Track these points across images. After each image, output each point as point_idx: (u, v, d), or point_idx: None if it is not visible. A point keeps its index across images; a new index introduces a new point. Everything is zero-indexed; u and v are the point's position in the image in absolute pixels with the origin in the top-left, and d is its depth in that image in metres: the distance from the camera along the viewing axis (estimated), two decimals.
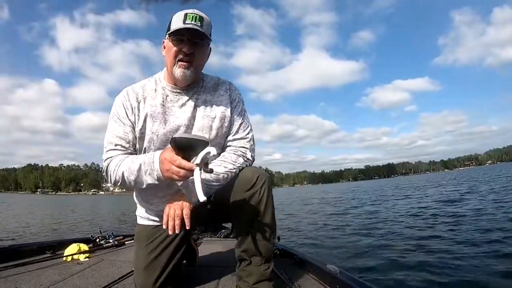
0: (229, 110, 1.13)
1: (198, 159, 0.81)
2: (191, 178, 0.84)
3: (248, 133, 1.16)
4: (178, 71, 1.02)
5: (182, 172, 0.82)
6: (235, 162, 1.07)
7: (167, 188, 1.06)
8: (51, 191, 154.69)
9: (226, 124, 1.12)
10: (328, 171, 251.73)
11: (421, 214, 6.19)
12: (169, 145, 0.85)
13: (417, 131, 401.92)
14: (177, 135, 0.80)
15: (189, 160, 0.82)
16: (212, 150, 0.80)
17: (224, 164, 1.06)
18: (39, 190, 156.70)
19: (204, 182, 0.89)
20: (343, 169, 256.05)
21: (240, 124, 1.15)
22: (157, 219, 1.15)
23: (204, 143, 0.80)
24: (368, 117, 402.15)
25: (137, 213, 1.22)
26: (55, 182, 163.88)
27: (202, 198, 0.79)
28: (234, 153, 1.10)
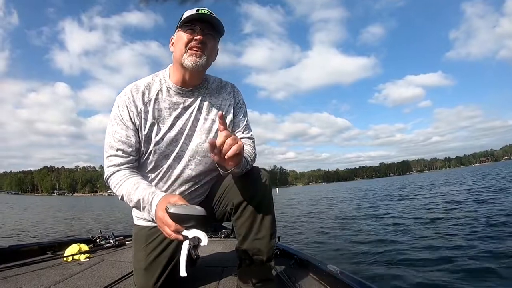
0: (232, 113, 1.13)
1: (189, 234, 0.78)
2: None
3: (251, 134, 1.17)
4: (190, 59, 0.98)
5: (173, 236, 0.80)
6: (251, 151, 1.07)
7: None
8: (68, 193, 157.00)
9: (228, 128, 1.12)
10: (343, 169, 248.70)
11: (426, 214, 6.14)
12: (168, 198, 0.84)
13: (432, 127, 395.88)
14: (171, 209, 0.77)
15: (180, 225, 0.79)
16: (203, 240, 0.77)
17: (245, 148, 1.04)
18: (55, 191, 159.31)
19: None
20: (357, 166, 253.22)
21: (244, 126, 1.16)
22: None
23: (197, 218, 0.78)
24: (382, 114, 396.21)
25: (133, 213, 1.20)
26: (71, 184, 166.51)
27: (183, 273, 0.77)
28: (245, 146, 1.08)
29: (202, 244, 0.78)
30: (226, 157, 0.80)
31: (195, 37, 0.97)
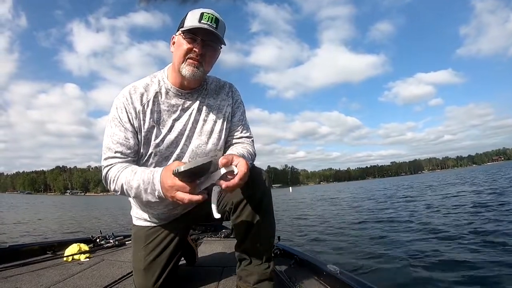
0: (230, 114, 1.14)
1: (206, 184, 0.83)
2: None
3: (250, 133, 1.17)
4: (187, 69, 0.98)
5: (195, 198, 0.81)
6: (251, 150, 1.09)
7: None
8: (80, 192, 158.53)
9: (227, 128, 1.13)
10: (354, 168, 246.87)
11: (430, 215, 6.10)
12: (172, 164, 0.85)
13: (443, 125, 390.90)
14: (182, 168, 0.77)
15: (194, 182, 0.82)
16: (216, 176, 0.83)
17: (245, 148, 1.07)
18: (68, 191, 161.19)
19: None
20: (368, 165, 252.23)
21: (243, 125, 1.16)
22: (156, 220, 1.15)
23: (208, 165, 0.80)
24: (392, 112, 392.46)
25: (132, 213, 1.21)
26: (83, 183, 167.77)
27: (217, 215, 0.83)
28: (245, 145, 1.11)
29: (217, 190, 0.85)
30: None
31: (194, 48, 0.96)
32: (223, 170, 0.82)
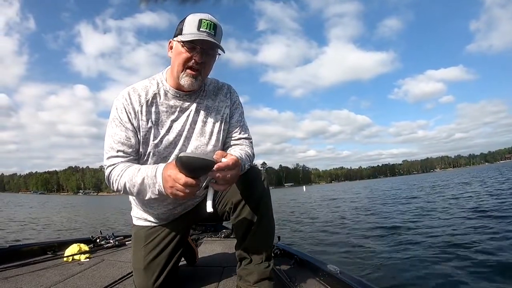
0: (229, 115, 1.14)
1: (205, 182, 0.85)
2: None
3: (249, 134, 1.18)
4: (186, 79, 1.00)
5: (190, 192, 0.81)
6: (249, 151, 1.09)
7: None
8: (93, 192, 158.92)
9: (226, 129, 1.13)
10: (365, 167, 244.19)
11: (431, 215, 6.10)
12: (174, 160, 0.86)
13: (454, 123, 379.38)
14: (183, 154, 0.79)
15: (195, 178, 0.81)
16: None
17: (244, 150, 1.07)
18: (81, 191, 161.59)
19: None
20: (380, 164, 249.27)
21: (241, 126, 1.17)
22: (156, 220, 1.15)
23: (211, 164, 0.80)
24: (402, 110, 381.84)
25: (132, 214, 1.22)
26: (96, 183, 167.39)
27: (210, 209, 0.85)
28: (244, 147, 1.11)
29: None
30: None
31: (194, 57, 0.97)
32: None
